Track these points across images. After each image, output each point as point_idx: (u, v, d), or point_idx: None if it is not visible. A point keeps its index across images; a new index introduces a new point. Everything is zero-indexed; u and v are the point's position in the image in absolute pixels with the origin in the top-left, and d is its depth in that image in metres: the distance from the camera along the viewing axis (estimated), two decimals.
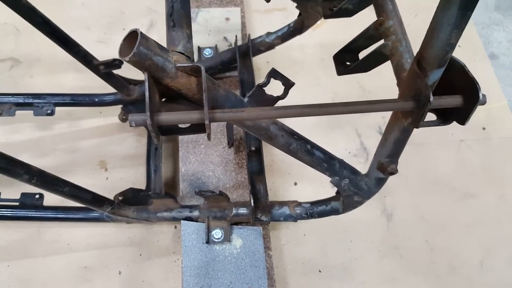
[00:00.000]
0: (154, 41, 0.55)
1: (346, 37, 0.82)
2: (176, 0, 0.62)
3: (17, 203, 1.05)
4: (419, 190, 1.25)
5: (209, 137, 0.56)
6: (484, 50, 1.55)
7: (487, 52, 1.55)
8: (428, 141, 1.31)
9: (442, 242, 1.18)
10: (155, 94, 0.56)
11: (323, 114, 0.60)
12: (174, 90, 0.59)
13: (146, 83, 0.53)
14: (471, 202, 1.24)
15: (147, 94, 0.52)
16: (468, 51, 1.49)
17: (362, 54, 0.80)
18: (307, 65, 1.45)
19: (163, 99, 0.64)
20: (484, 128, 1.35)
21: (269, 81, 0.64)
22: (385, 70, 0.79)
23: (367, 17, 0.84)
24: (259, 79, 1.38)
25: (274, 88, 0.67)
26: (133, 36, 0.53)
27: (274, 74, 0.63)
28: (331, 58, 0.83)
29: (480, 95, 0.57)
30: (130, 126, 0.53)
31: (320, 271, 1.12)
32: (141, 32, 0.52)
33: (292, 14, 1.12)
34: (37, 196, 1.06)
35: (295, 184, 1.24)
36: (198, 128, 0.61)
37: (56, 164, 1.23)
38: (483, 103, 0.58)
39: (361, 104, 0.60)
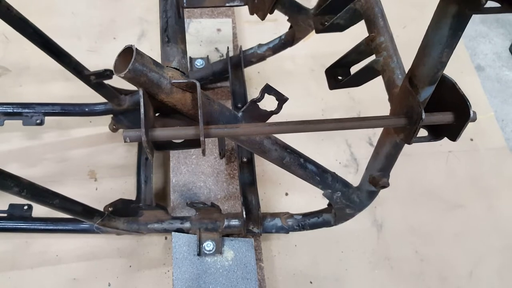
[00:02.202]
0: (149, 57, 0.55)
1: (336, 49, 0.83)
2: (170, 15, 0.62)
3: (5, 214, 1.04)
4: (409, 201, 1.26)
5: (203, 153, 0.56)
6: (471, 62, 1.57)
7: (473, 64, 1.58)
8: (417, 152, 1.33)
9: (431, 253, 1.19)
10: (149, 109, 0.56)
11: (317, 130, 0.60)
12: (169, 105, 0.59)
13: (141, 99, 0.53)
14: (460, 212, 1.26)
15: (142, 110, 0.52)
16: (456, 63, 1.52)
17: (353, 69, 0.81)
18: (298, 75, 1.46)
19: (157, 114, 0.63)
20: (471, 139, 1.38)
21: (263, 96, 0.64)
22: (375, 81, 0.80)
23: (357, 29, 0.85)
24: (250, 89, 1.38)
25: (268, 102, 0.67)
26: (128, 52, 0.53)
27: (268, 89, 0.63)
28: (322, 69, 0.84)
29: (471, 112, 0.58)
30: (125, 142, 0.52)
31: (311, 282, 1.12)
32: (136, 48, 0.52)
33: (283, 25, 1.13)
34: (25, 207, 1.05)
35: (286, 194, 1.25)
36: (192, 143, 0.61)
37: (45, 174, 1.22)
38: (474, 120, 0.59)
39: (355, 121, 0.60)
